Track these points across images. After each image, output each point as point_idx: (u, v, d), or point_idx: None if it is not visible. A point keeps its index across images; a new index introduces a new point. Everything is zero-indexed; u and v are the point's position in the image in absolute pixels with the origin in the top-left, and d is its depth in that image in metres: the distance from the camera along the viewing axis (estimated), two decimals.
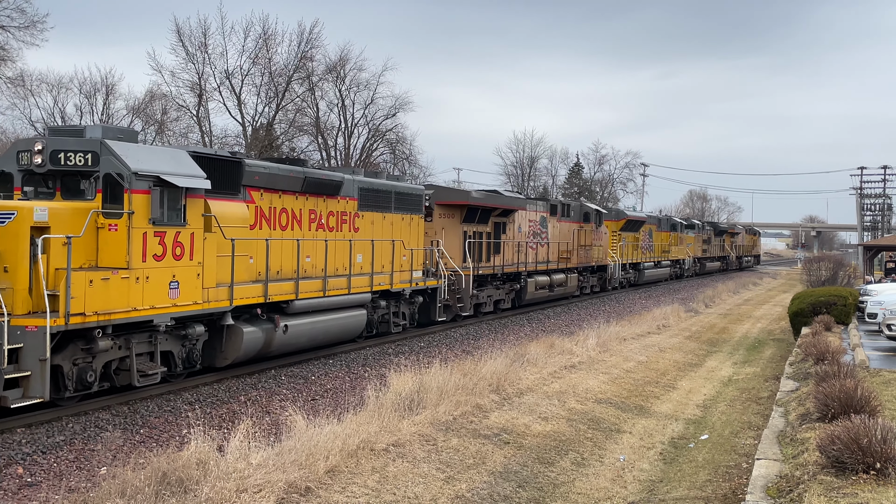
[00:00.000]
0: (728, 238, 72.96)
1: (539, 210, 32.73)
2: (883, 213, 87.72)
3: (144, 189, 13.13)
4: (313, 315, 17.86)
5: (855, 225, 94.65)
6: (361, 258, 19.96)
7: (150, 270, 13.28)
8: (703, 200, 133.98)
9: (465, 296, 25.53)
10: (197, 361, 15.02)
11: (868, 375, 14.45)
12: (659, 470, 11.43)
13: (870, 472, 7.47)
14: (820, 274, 44.45)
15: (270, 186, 16.95)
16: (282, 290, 16.88)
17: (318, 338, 18.27)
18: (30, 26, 39.84)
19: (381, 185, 21.35)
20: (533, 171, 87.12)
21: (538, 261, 32.05)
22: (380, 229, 21.06)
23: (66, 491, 9.22)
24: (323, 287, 18.17)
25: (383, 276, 20.85)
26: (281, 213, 17.41)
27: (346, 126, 56.10)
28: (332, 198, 19.08)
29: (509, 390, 14.15)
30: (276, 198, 17.24)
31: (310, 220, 18.36)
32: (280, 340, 16.78)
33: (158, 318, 13.54)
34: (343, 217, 19.63)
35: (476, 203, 26.63)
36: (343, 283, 18.98)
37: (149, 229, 13.24)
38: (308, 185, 17.99)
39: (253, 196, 16.51)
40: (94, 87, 48.68)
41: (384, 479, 9.24)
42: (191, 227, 14.09)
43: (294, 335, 17.16)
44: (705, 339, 26.06)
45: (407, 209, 22.45)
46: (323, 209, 18.80)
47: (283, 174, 17.30)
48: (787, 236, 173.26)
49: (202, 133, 48.23)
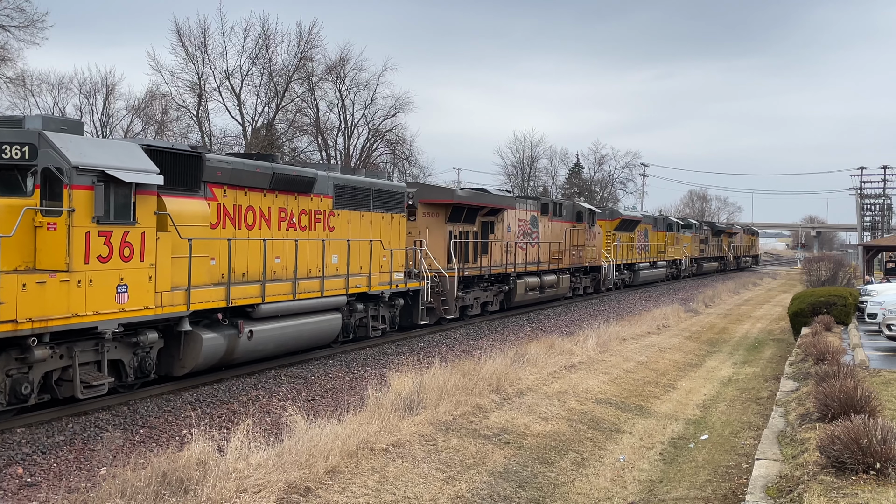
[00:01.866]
0: (726, 238, 72.28)
1: (529, 209, 31.80)
2: (883, 213, 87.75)
3: (87, 185, 12.11)
4: (282, 320, 16.98)
5: (855, 225, 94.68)
6: (337, 259, 19.07)
7: (94, 273, 12.24)
8: (703, 200, 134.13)
9: (450, 298, 24.70)
10: (151, 371, 13.99)
11: (868, 375, 14.45)
12: (659, 470, 11.43)
13: (870, 472, 7.47)
14: (820, 274, 44.47)
15: (235, 183, 15.96)
16: (246, 293, 15.85)
17: (287, 343, 17.39)
18: (29, 25, 39.87)
19: (358, 183, 20.26)
20: (533, 172, 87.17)
21: (528, 261, 31.18)
22: (357, 229, 20.09)
23: (66, 491, 9.22)
24: (293, 290, 17.22)
25: (360, 278, 19.89)
26: (247, 211, 16.41)
27: (346, 126, 56.12)
28: (304, 195, 18.07)
29: (509, 390, 14.15)
30: (242, 195, 16.24)
31: (279, 218, 17.35)
32: (245, 347, 15.83)
33: (104, 324, 12.49)
34: (317, 216, 18.58)
35: (461, 202, 25.72)
36: (316, 285, 18.03)
37: (92, 228, 12.21)
38: (277, 182, 17.04)
39: (215, 193, 15.50)
40: (94, 88, 48.74)
41: (384, 480, 9.24)
42: (141, 226, 13.10)
43: (260, 341, 16.21)
44: (705, 339, 26.06)
45: (387, 208, 21.43)
46: (294, 207, 17.80)
47: (248, 170, 16.29)
48: (787, 236, 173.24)
49: (202, 133, 48.22)
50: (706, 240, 65.27)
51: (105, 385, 12.82)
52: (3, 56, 40.56)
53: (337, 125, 56.02)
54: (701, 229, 64.51)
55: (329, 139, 55.72)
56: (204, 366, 15.08)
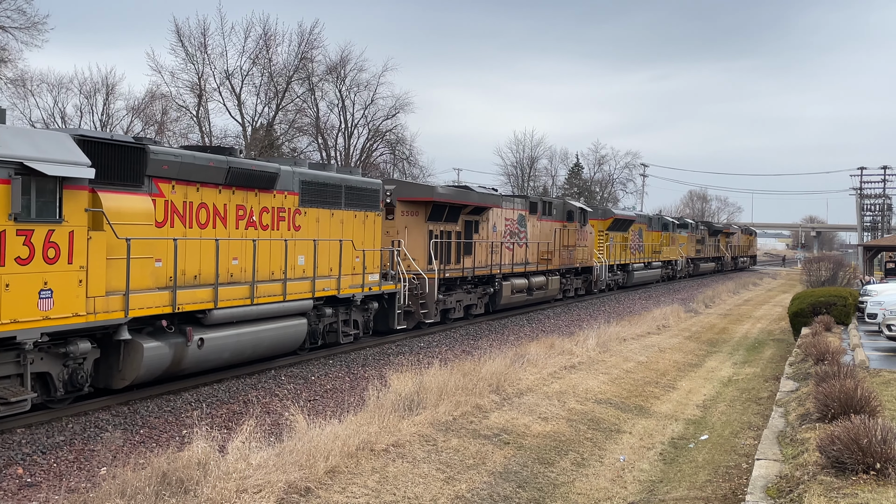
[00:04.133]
0: (723, 238, 71.32)
1: (517, 208, 30.52)
2: (883, 213, 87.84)
3: (2, 178, 10.92)
4: (239, 326, 15.69)
5: (855, 225, 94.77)
6: (304, 260, 17.79)
7: (11, 277, 10.99)
8: (702, 201, 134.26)
9: (430, 301, 23.51)
10: (84, 384, 12.69)
11: (868, 376, 14.46)
12: (659, 470, 11.44)
13: (870, 473, 7.47)
14: (820, 274, 44.51)
15: (185, 178, 14.60)
16: (196, 297, 14.55)
17: (245, 352, 16.11)
18: (30, 27, 39.88)
19: (327, 179, 18.83)
20: (533, 172, 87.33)
21: (515, 262, 29.91)
22: (327, 228, 18.70)
23: (66, 491, 9.23)
24: (251, 293, 15.89)
25: (328, 281, 18.56)
26: (199, 208, 15.06)
27: (346, 126, 56.17)
28: (266, 192, 16.71)
29: (509, 390, 14.16)
30: (193, 191, 14.88)
31: (237, 216, 15.98)
32: (195, 357, 14.60)
33: (24, 333, 11.21)
34: (280, 214, 17.22)
35: (442, 199, 24.36)
36: (278, 288, 16.72)
37: (9, 227, 10.97)
38: (234, 177, 15.68)
39: (162, 189, 14.15)
40: (94, 88, 48.80)
41: (384, 480, 9.25)
42: (70, 225, 11.81)
43: (213, 350, 14.98)
44: (705, 339, 26.06)
45: (361, 205, 20.03)
46: (255, 205, 16.45)
47: (200, 164, 14.92)
48: (787, 236, 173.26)
49: (202, 133, 48.24)
50: (703, 240, 64.37)
51: (28, 401, 11.50)
52: (3, 57, 40.58)
53: (337, 125, 56.12)
54: (697, 229, 63.59)
55: (329, 139, 55.78)
56: (147, 377, 13.84)
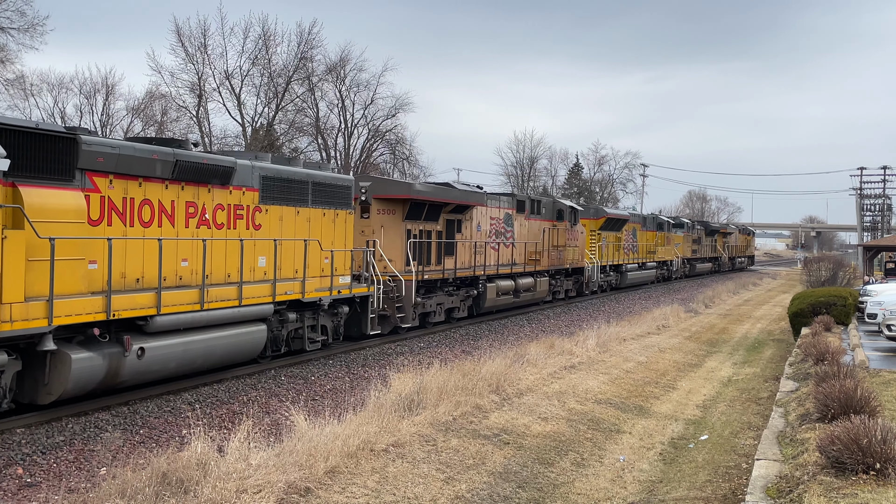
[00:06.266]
0: (720, 238, 70.22)
1: (503, 206, 29.31)
2: (883, 213, 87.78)
3: None
4: (187, 334, 14.41)
5: (855, 225, 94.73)
6: (265, 262, 16.53)
7: None
8: (702, 201, 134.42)
9: (407, 304, 22.35)
10: (1, 399, 11.52)
11: (868, 376, 14.46)
12: (659, 470, 11.44)
13: (870, 473, 7.47)
14: (820, 274, 44.50)
15: (124, 171, 13.30)
16: (135, 302, 13.20)
17: (194, 361, 14.80)
18: (30, 28, 39.94)
19: (291, 174, 17.49)
20: (533, 172, 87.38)
21: (501, 263, 28.68)
22: (291, 227, 17.41)
23: (66, 491, 9.22)
24: (200, 298, 14.58)
25: (291, 284, 17.20)
26: (142, 205, 13.76)
27: (346, 126, 56.25)
28: (220, 187, 15.42)
29: (509, 391, 14.16)
30: (135, 186, 13.59)
31: (187, 214, 14.69)
32: (134, 368, 13.27)
33: None
34: (238, 211, 15.91)
35: (421, 197, 23.15)
36: (233, 292, 15.39)
37: None
38: (182, 171, 14.36)
39: (97, 183, 12.87)
40: (94, 88, 48.92)
41: (384, 480, 9.25)
42: None
43: (156, 360, 13.68)
44: (705, 339, 26.07)
45: (331, 203, 18.68)
46: (207, 201, 15.14)
47: (141, 156, 13.59)
48: (787, 237, 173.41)
49: (202, 133, 48.28)
50: (699, 240, 63.37)
51: None
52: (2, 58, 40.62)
53: (337, 125, 56.16)
54: (694, 229, 62.54)
55: (329, 139, 55.83)
56: (78, 391, 12.51)
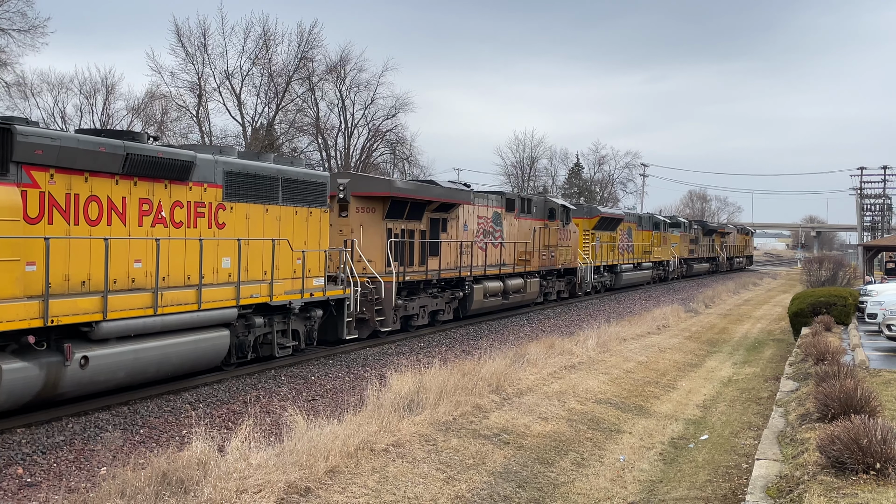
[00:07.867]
0: (718, 238, 69.53)
1: (492, 205, 28.27)
2: (883, 213, 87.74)
3: None
4: (138, 341, 13.38)
5: (855, 225, 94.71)
6: (229, 263, 15.57)
7: None
8: (702, 201, 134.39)
9: (387, 307, 21.40)
10: None
11: (868, 376, 14.46)
12: (659, 470, 11.44)
13: (870, 473, 7.48)
14: (820, 274, 44.48)
15: (67, 166, 12.36)
16: (78, 307, 12.17)
17: (147, 370, 13.71)
18: (30, 30, 39.95)
19: (259, 169, 16.45)
20: (533, 172, 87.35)
21: (489, 263, 27.64)
22: (259, 225, 16.42)
23: (66, 491, 9.22)
24: (154, 302, 13.55)
25: (258, 286, 16.19)
26: (88, 202, 12.79)
27: (346, 126, 56.23)
28: (179, 183, 14.44)
29: (509, 390, 14.16)
30: (80, 181, 12.64)
31: (141, 212, 13.72)
32: (76, 378, 12.21)
33: None
34: (198, 209, 14.95)
35: (402, 195, 22.15)
36: (191, 295, 14.37)
37: None
38: (134, 165, 13.35)
39: (36, 178, 11.94)
40: (94, 88, 48.84)
41: (384, 480, 9.25)
42: None
43: (102, 369, 12.63)
44: (705, 339, 26.07)
45: (303, 201, 17.70)
46: (164, 198, 14.18)
47: (87, 149, 12.56)
48: (787, 236, 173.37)
49: (202, 133, 48.27)
50: (696, 239, 62.61)
51: None
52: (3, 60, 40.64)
53: (337, 125, 56.15)
54: (691, 228, 61.69)
55: (329, 139, 55.81)
56: (11, 404, 11.50)
